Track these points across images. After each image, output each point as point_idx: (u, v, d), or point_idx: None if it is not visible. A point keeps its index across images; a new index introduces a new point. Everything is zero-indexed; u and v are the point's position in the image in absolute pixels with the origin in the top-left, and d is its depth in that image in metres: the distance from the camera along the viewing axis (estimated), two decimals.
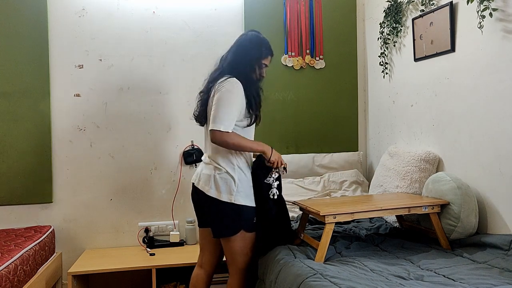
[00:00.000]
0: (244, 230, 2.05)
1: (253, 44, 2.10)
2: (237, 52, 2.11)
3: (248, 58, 2.08)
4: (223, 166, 2.02)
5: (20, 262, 2.30)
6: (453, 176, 2.21)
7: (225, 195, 2.00)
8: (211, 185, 2.02)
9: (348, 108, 3.36)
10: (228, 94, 1.96)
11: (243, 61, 2.07)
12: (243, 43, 2.13)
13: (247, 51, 2.09)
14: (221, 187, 2.00)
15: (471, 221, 2.08)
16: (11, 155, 2.87)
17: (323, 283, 1.64)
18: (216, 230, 2.07)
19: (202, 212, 2.15)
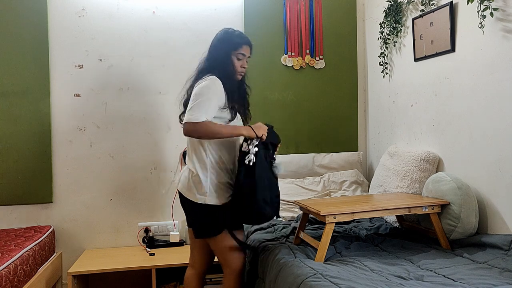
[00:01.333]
0: (227, 229, 2.05)
1: (223, 38, 2.10)
2: (210, 51, 2.13)
3: (221, 53, 2.07)
4: (195, 167, 2.03)
5: (20, 262, 2.30)
6: (454, 176, 2.21)
7: (199, 197, 2.00)
8: (187, 187, 2.03)
9: (348, 108, 3.36)
10: (203, 89, 1.95)
11: (217, 57, 2.07)
12: (213, 41, 2.14)
13: (219, 47, 2.09)
14: (194, 188, 2.01)
15: (471, 221, 2.08)
16: (11, 155, 2.88)
17: (323, 283, 1.64)
18: (197, 231, 2.09)
19: (186, 214, 2.15)
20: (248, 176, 1.95)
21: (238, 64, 2.09)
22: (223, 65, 2.06)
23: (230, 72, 2.07)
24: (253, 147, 1.99)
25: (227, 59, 2.07)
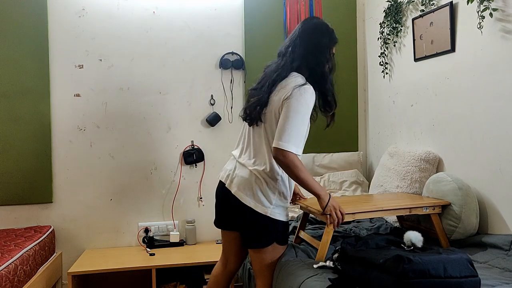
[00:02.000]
0: (276, 243, 1.91)
1: (323, 32, 1.85)
2: (304, 43, 1.83)
3: (319, 49, 1.83)
4: (266, 174, 1.83)
5: (20, 262, 2.30)
6: (454, 176, 2.21)
7: (261, 207, 1.82)
8: (248, 192, 1.83)
9: (348, 108, 3.36)
10: (299, 107, 1.73)
11: (314, 53, 1.82)
12: (309, 33, 1.85)
13: (317, 41, 1.83)
14: (259, 198, 1.82)
15: (472, 221, 2.08)
16: (11, 155, 2.87)
17: (323, 283, 1.64)
18: (248, 241, 1.93)
19: (230, 216, 1.95)
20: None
21: (333, 63, 1.88)
22: (319, 64, 1.83)
23: (326, 72, 1.85)
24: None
25: (325, 56, 1.84)
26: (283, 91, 1.79)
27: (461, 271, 1.41)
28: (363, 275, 1.52)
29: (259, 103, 1.85)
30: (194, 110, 3.15)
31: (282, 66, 1.85)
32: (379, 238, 1.79)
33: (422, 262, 1.39)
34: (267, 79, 1.87)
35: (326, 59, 1.86)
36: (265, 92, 1.84)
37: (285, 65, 1.85)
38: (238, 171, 1.90)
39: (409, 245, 1.67)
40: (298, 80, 1.81)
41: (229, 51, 3.16)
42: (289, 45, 1.88)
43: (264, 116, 1.85)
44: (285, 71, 1.83)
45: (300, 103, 1.74)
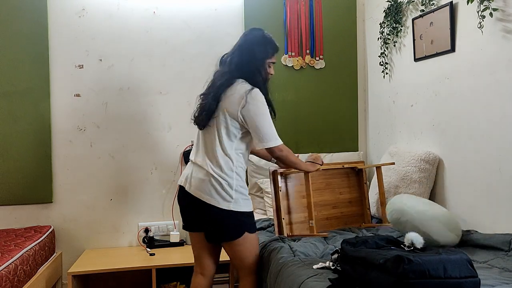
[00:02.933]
0: (247, 232, 2.02)
1: (259, 44, 2.03)
2: (242, 54, 2.03)
3: (254, 60, 2.02)
4: (221, 171, 1.96)
5: (20, 262, 2.30)
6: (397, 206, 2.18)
7: (224, 203, 1.95)
8: (207, 191, 1.95)
9: (348, 108, 3.36)
10: (263, 107, 1.96)
11: (250, 64, 2.01)
12: (247, 44, 2.04)
13: (253, 53, 2.01)
14: (220, 194, 1.95)
15: (448, 235, 2.05)
16: (11, 155, 2.87)
17: (323, 283, 1.64)
18: (217, 236, 2.03)
19: (195, 217, 2.05)
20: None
21: (268, 72, 2.08)
22: (255, 73, 2.01)
23: (263, 80, 2.03)
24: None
25: (262, 66, 2.03)
26: (234, 98, 1.96)
27: (461, 272, 1.41)
28: (363, 275, 1.52)
29: (206, 111, 2.01)
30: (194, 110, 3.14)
31: (225, 74, 2.03)
32: (379, 238, 1.79)
33: (422, 263, 1.39)
34: (214, 86, 2.03)
35: (259, 69, 2.03)
36: (212, 99, 1.99)
37: (227, 73, 2.02)
38: (195, 174, 2.01)
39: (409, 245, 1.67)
40: (245, 86, 1.98)
41: None
42: (230, 55, 2.07)
43: (213, 120, 2.00)
44: (229, 80, 2.00)
45: (258, 106, 1.95)
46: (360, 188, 2.66)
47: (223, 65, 2.09)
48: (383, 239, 1.77)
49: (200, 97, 2.10)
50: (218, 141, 1.99)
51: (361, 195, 2.65)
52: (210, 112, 2.00)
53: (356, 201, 2.65)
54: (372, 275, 1.48)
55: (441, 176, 2.50)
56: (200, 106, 2.06)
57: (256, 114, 1.94)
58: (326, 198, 2.54)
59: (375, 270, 1.48)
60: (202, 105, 2.05)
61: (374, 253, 1.55)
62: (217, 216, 1.97)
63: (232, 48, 2.09)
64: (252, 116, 1.94)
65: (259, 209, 3.08)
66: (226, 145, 1.98)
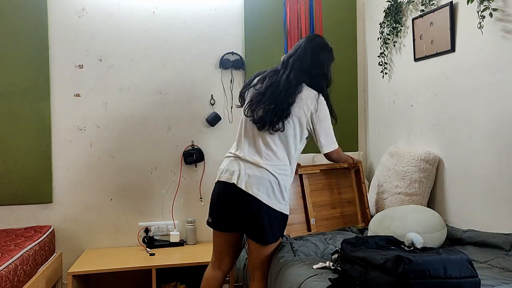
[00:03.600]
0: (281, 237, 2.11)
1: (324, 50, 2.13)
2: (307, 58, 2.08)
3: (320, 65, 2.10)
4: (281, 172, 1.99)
5: (20, 262, 2.30)
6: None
7: (277, 204, 1.97)
8: (264, 190, 1.94)
9: (348, 108, 3.36)
10: (327, 115, 2.08)
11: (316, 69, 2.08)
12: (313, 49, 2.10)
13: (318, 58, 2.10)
14: (275, 195, 1.96)
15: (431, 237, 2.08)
16: (11, 155, 2.87)
17: (323, 283, 1.64)
18: (263, 237, 2.00)
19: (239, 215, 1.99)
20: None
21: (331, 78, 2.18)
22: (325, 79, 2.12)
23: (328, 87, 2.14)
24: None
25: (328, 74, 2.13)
26: (305, 103, 2.02)
27: (461, 272, 1.41)
28: (363, 275, 1.52)
29: (281, 114, 1.99)
30: (194, 110, 3.15)
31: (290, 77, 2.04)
32: (379, 238, 1.79)
33: (422, 263, 1.39)
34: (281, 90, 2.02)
35: (325, 75, 2.12)
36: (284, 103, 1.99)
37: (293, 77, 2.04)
38: (251, 171, 1.97)
39: (409, 245, 1.67)
40: (313, 91, 2.07)
41: (229, 51, 3.16)
42: (295, 58, 2.10)
43: (282, 124, 2.00)
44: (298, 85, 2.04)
45: (326, 111, 2.08)
46: (359, 187, 2.66)
47: (285, 68, 2.10)
48: (383, 239, 1.77)
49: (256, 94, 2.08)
50: (284, 145, 2.03)
51: (360, 194, 2.65)
52: (283, 117, 1.99)
53: (355, 200, 2.66)
54: (372, 275, 1.48)
55: (441, 176, 2.50)
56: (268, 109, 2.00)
57: (325, 118, 2.06)
58: (325, 198, 2.55)
59: (375, 270, 1.48)
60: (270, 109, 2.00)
61: (374, 253, 1.55)
62: (268, 215, 1.96)
63: (294, 50, 2.14)
64: (321, 121, 2.05)
65: None
66: (290, 151, 2.03)
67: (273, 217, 1.97)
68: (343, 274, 1.66)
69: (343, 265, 1.67)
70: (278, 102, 1.99)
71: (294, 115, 2.01)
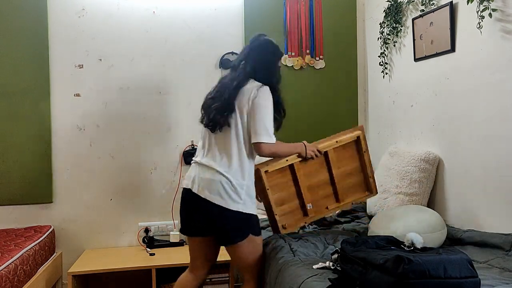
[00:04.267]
0: (252, 235, 2.02)
1: (271, 46, 2.11)
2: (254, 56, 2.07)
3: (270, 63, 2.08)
4: (232, 171, 1.95)
5: (20, 262, 2.30)
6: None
7: (233, 204, 1.93)
8: (216, 191, 1.93)
9: (348, 108, 3.36)
10: (267, 103, 1.97)
11: (265, 67, 2.06)
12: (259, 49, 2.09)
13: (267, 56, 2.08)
14: (230, 195, 1.93)
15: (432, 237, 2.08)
16: (11, 155, 2.87)
17: (323, 283, 1.64)
18: (226, 238, 2.01)
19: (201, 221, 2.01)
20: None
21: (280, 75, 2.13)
22: (273, 74, 2.07)
23: (278, 82, 2.08)
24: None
25: (276, 68, 2.10)
26: (246, 94, 1.98)
27: (461, 272, 1.41)
28: (363, 275, 1.52)
29: (225, 109, 1.99)
30: (194, 110, 3.12)
31: (239, 76, 2.04)
32: (379, 238, 1.79)
33: (422, 263, 1.39)
34: (226, 88, 2.02)
35: (274, 72, 2.09)
36: (228, 99, 1.99)
37: (241, 75, 2.04)
38: (203, 175, 1.98)
39: (409, 245, 1.67)
40: (256, 83, 2.01)
41: (229, 51, 3.16)
42: (241, 60, 2.09)
43: (231, 119, 1.98)
44: (244, 80, 2.02)
45: (265, 99, 1.97)
46: (360, 157, 2.42)
47: (234, 70, 2.10)
48: (383, 239, 1.77)
49: (208, 100, 2.09)
50: (232, 142, 1.98)
51: (362, 163, 2.42)
52: (229, 112, 1.98)
53: (357, 171, 2.42)
54: (372, 275, 1.48)
55: (441, 176, 2.50)
56: (214, 108, 2.01)
57: (263, 106, 1.96)
58: (321, 178, 2.32)
59: (375, 270, 1.48)
60: (216, 107, 2.01)
61: (374, 253, 1.55)
62: (225, 217, 1.95)
63: (241, 54, 2.12)
64: (257, 108, 1.95)
65: (260, 209, 3.05)
66: (240, 146, 1.98)
67: (230, 218, 1.95)
68: (343, 274, 1.66)
69: (343, 265, 1.67)
70: (223, 99, 2.00)
71: (237, 108, 1.97)
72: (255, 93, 1.96)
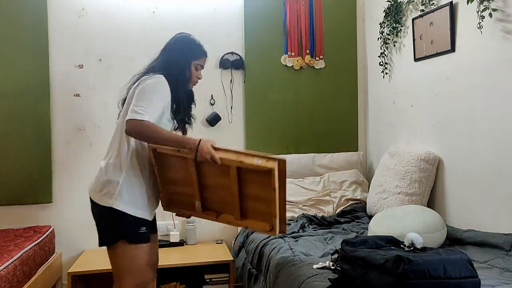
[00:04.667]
0: (126, 241, 1.79)
1: (185, 44, 1.99)
2: (166, 53, 1.98)
3: (181, 57, 1.94)
4: (110, 167, 1.82)
5: (19, 263, 2.30)
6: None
7: (105, 199, 1.80)
8: (93, 187, 1.88)
9: (348, 108, 3.36)
10: (150, 87, 1.78)
11: (175, 61, 1.93)
12: (171, 44, 2.01)
13: (179, 51, 1.97)
14: (103, 189, 1.82)
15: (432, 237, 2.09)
16: (11, 155, 2.87)
17: (323, 283, 1.64)
18: (99, 237, 1.87)
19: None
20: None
21: (195, 74, 1.99)
22: (179, 69, 1.92)
23: (185, 79, 1.94)
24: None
25: (186, 65, 1.95)
26: (136, 85, 1.85)
27: (461, 272, 1.41)
28: (363, 276, 1.52)
29: (121, 101, 1.95)
30: (194, 110, 3.14)
31: (146, 69, 1.96)
32: (379, 238, 1.79)
33: (422, 263, 1.39)
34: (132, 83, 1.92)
35: (183, 69, 1.94)
36: (126, 89, 1.93)
37: (148, 68, 1.96)
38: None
39: (409, 245, 1.68)
40: (150, 75, 1.87)
41: (229, 51, 3.16)
42: (156, 58, 2.00)
43: (119, 114, 1.94)
44: (146, 72, 1.92)
45: (144, 84, 1.79)
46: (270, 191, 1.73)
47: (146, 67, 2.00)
48: (383, 239, 1.77)
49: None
50: (118, 132, 1.88)
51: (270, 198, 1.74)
52: (120, 105, 1.94)
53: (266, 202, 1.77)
54: (372, 275, 1.48)
55: (441, 176, 2.50)
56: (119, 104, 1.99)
57: (141, 91, 1.77)
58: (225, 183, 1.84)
59: (375, 270, 1.48)
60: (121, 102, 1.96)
61: (374, 253, 1.55)
62: (99, 213, 1.86)
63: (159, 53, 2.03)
64: (138, 90, 1.78)
65: None
66: (120, 137, 1.85)
67: (100, 215, 1.84)
68: (343, 274, 1.66)
69: (343, 265, 1.67)
70: (123, 95, 1.95)
71: (128, 99, 1.86)
72: (143, 79, 1.83)
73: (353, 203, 2.95)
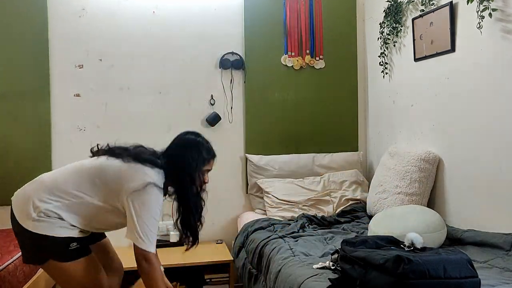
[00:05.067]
0: (54, 260, 1.75)
1: (196, 149, 1.86)
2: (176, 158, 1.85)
3: (188, 170, 1.83)
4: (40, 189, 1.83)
5: (19, 263, 2.29)
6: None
7: (26, 221, 1.78)
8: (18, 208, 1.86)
9: (348, 108, 3.36)
10: (156, 205, 1.78)
11: (182, 170, 1.83)
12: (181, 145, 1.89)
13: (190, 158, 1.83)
14: (25, 210, 1.80)
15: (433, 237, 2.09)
16: (11, 155, 2.87)
17: (323, 283, 1.64)
18: (24, 256, 1.85)
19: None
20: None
21: (202, 180, 1.88)
22: (192, 183, 1.84)
23: (198, 192, 1.88)
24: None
25: (193, 175, 1.84)
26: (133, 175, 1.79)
27: (461, 272, 1.41)
28: (363, 275, 1.52)
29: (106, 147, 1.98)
30: (194, 110, 3.15)
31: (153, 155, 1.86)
32: (379, 238, 1.79)
33: (422, 263, 1.39)
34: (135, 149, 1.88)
35: (193, 178, 1.85)
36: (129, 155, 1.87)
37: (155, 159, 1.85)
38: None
39: (409, 245, 1.68)
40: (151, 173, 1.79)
41: (229, 51, 3.16)
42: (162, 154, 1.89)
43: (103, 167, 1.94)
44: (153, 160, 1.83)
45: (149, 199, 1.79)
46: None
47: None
48: (383, 239, 1.77)
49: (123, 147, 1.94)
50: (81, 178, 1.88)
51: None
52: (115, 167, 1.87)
53: None
54: (372, 275, 1.48)
55: (441, 176, 2.50)
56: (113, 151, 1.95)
57: (147, 208, 1.77)
58: None
59: (375, 270, 1.48)
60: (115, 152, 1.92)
61: (374, 253, 1.55)
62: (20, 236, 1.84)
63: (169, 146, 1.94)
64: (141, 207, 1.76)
65: (259, 209, 3.08)
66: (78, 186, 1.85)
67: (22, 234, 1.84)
68: (343, 274, 1.66)
69: (343, 265, 1.67)
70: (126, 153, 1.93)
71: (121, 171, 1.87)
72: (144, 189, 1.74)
73: (353, 203, 2.95)
